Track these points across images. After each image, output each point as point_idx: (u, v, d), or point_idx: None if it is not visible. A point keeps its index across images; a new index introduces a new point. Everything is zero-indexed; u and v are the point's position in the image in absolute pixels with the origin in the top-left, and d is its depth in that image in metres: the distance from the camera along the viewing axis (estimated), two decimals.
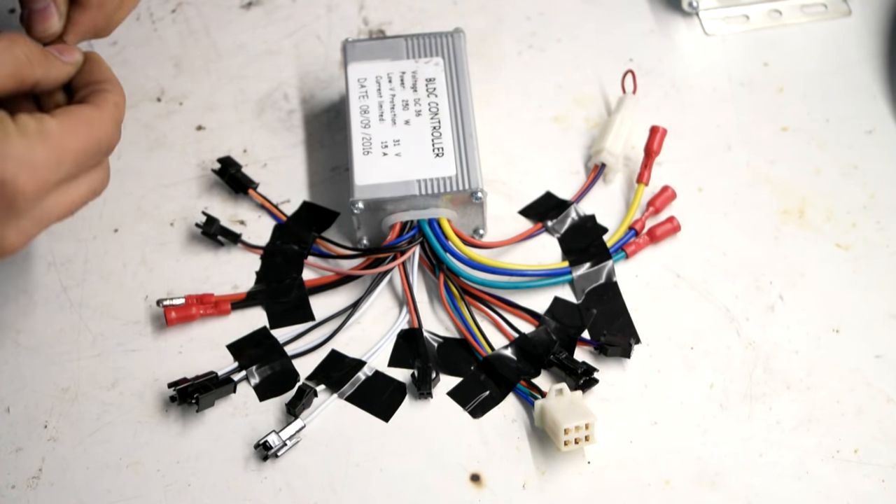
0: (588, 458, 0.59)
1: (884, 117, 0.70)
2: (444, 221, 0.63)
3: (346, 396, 0.61)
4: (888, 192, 0.67)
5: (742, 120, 0.70)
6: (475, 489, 0.58)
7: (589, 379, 0.60)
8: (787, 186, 0.67)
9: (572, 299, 0.64)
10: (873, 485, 0.58)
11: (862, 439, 0.59)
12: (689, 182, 0.68)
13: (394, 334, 0.63)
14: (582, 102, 0.71)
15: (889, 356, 0.61)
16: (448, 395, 0.61)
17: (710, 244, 0.66)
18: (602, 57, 0.73)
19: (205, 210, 0.66)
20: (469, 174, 0.63)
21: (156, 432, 0.60)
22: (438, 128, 0.64)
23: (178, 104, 0.71)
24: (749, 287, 0.64)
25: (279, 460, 0.59)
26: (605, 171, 0.68)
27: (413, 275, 0.63)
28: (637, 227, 0.65)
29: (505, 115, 0.71)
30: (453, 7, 0.76)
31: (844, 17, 0.75)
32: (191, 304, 0.63)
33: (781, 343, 0.62)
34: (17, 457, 0.59)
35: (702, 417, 0.60)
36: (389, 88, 0.66)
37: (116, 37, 0.74)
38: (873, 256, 0.65)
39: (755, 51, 0.73)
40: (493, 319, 0.63)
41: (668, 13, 0.75)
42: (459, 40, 0.68)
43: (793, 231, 0.66)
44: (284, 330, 0.63)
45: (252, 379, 0.61)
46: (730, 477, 0.58)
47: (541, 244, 0.66)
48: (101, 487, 0.58)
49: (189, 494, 0.58)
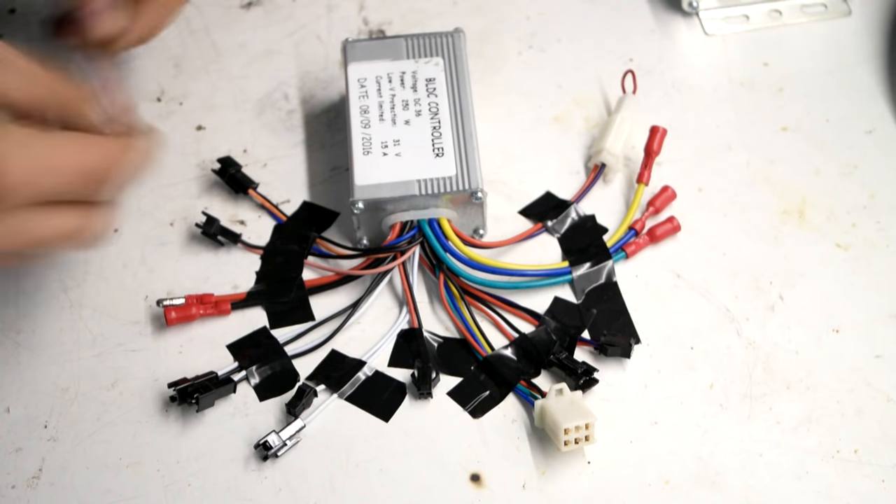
0: (588, 458, 0.59)
1: (884, 117, 0.70)
2: (444, 221, 0.63)
3: (346, 396, 0.61)
4: (888, 192, 0.67)
5: (742, 120, 0.70)
6: (475, 489, 0.58)
7: (589, 379, 0.60)
8: (787, 186, 0.67)
9: (572, 299, 0.64)
10: (873, 485, 0.58)
11: (862, 439, 0.59)
12: (689, 182, 0.68)
13: (394, 334, 0.63)
14: (582, 102, 0.71)
15: (889, 356, 0.61)
16: (448, 395, 0.61)
17: (710, 244, 0.66)
18: (602, 57, 0.73)
19: (205, 210, 0.66)
20: (469, 174, 0.63)
21: (156, 432, 0.60)
22: (438, 128, 0.64)
23: (179, 104, 0.71)
24: (749, 287, 0.64)
25: (279, 460, 0.59)
26: (605, 171, 0.68)
27: (413, 275, 0.63)
28: (637, 227, 0.65)
29: (505, 115, 0.71)
30: (453, 7, 0.76)
31: (844, 17, 0.75)
32: (191, 304, 0.63)
33: (781, 343, 0.62)
34: (17, 457, 0.59)
35: (702, 417, 0.60)
36: (389, 88, 0.66)
37: None
38: (873, 256, 0.65)
39: (755, 51, 0.73)
40: (493, 319, 0.63)
41: (668, 13, 0.75)
42: (460, 40, 0.68)
43: (793, 231, 0.66)
44: (284, 330, 0.63)
45: (252, 379, 0.61)
46: (730, 477, 0.58)
47: (541, 244, 0.66)
48: (101, 487, 0.58)
49: (189, 494, 0.58)
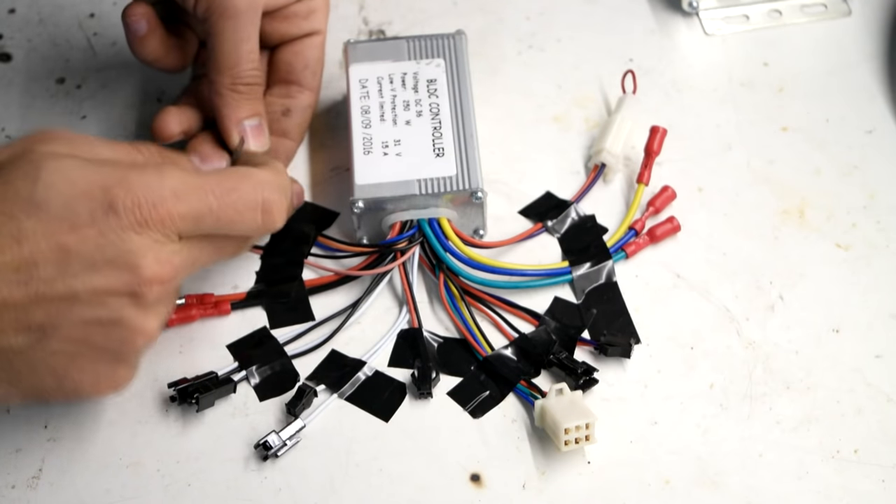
0: (588, 458, 0.59)
1: (884, 117, 0.70)
2: (444, 221, 0.63)
3: (346, 396, 0.61)
4: (888, 192, 0.67)
5: (742, 120, 0.70)
6: (475, 489, 0.58)
7: (589, 379, 0.60)
8: (787, 186, 0.67)
9: (572, 299, 0.64)
10: (873, 485, 0.58)
11: (862, 439, 0.59)
12: (689, 182, 0.68)
13: (394, 334, 0.63)
14: (582, 102, 0.71)
15: (889, 356, 0.61)
16: (448, 395, 0.61)
17: (710, 244, 0.65)
18: (602, 57, 0.73)
19: None
20: (469, 174, 0.63)
21: (156, 432, 0.60)
22: (439, 128, 0.64)
23: None
24: (749, 287, 0.64)
25: (279, 460, 0.59)
26: (605, 171, 0.68)
27: (413, 275, 0.63)
28: (637, 227, 0.65)
29: (505, 115, 0.71)
30: (453, 7, 0.76)
31: (844, 17, 0.75)
32: (191, 304, 0.63)
33: (781, 343, 0.62)
34: (17, 457, 0.59)
35: (702, 417, 0.60)
36: (391, 89, 0.66)
37: (116, 37, 0.74)
38: (873, 256, 0.65)
39: (755, 51, 0.73)
40: (493, 319, 0.63)
41: (668, 13, 0.75)
42: (461, 42, 0.68)
43: (793, 231, 0.66)
44: (284, 330, 0.63)
45: (252, 379, 0.61)
46: (730, 477, 0.58)
47: (541, 244, 0.66)
48: (101, 487, 0.58)
49: (189, 494, 0.58)
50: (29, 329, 0.50)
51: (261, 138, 0.63)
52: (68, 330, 0.51)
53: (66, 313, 0.50)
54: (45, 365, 0.52)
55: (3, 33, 0.75)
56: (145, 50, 0.63)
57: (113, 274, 0.51)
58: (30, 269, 0.49)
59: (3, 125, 0.71)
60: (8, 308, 0.49)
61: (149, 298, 0.52)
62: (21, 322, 0.50)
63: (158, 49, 0.64)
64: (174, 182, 0.52)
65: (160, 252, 0.52)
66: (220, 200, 0.54)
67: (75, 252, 0.50)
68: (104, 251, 0.50)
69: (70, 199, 0.50)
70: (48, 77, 0.73)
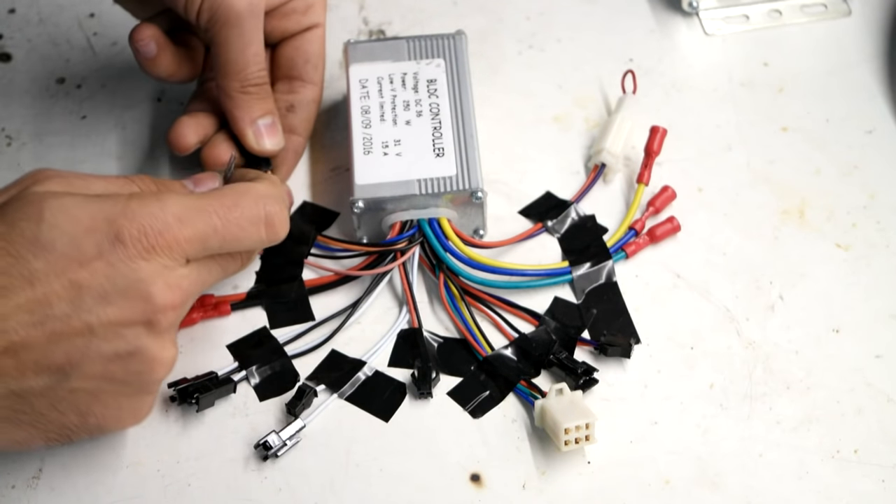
0: (588, 458, 0.59)
1: (884, 117, 0.70)
2: (444, 221, 0.63)
3: (346, 396, 0.61)
4: (888, 192, 0.67)
5: (742, 120, 0.70)
6: (475, 489, 0.58)
7: (589, 379, 0.60)
8: (787, 186, 0.67)
9: (572, 299, 0.64)
10: (873, 485, 0.58)
11: (862, 439, 0.59)
12: (689, 182, 0.68)
13: (394, 334, 0.63)
14: (582, 102, 0.71)
15: (889, 356, 0.61)
16: (448, 395, 0.61)
17: (710, 244, 0.66)
18: (602, 57, 0.73)
19: None
20: (469, 174, 0.63)
21: (156, 432, 0.60)
22: (439, 128, 0.64)
23: (179, 104, 0.71)
24: (749, 287, 0.64)
25: (279, 460, 0.59)
26: (605, 171, 0.68)
27: (413, 275, 0.63)
28: (637, 227, 0.65)
29: (505, 115, 0.71)
30: (453, 7, 0.76)
31: (844, 17, 0.75)
32: (191, 306, 0.62)
33: (781, 343, 0.62)
34: (17, 457, 0.59)
35: (702, 417, 0.60)
36: (391, 89, 0.66)
37: (116, 37, 0.74)
38: (873, 256, 0.65)
39: (755, 51, 0.73)
40: (493, 319, 0.63)
41: (668, 13, 0.75)
42: (461, 42, 0.68)
43: (793, 231, 0.66)
44: (284, 330, 0.63)
45: (252, 379, 0.61)
46: (730, 477, 0.58)
47: (541, 244, 0.66)
48: (101, 488, 0.58)
49: (189, 494, 0.58)
50: (49, 369, 0.50)
51: (275, 136, 0.63)
52: (89, 366, 0.51)
53: (84, 350, 0.50)
54: (67, 404, 0.52)
55: (3, 33, 0.75)
56: (158, 69, 0.63)
57: (126, 305, 0.51)
58: (44, 309, 0.49)
59: (3, 125, 0.71)
60: (26, 349, 0.49)
61: (163, 325, 0.52)
62: (40, 363, 0.50)
63: (170, 66, 0.64)
64: (176, 207, 0.52)
65: (170, 277, 0.52)
66: (223, 219, 0.54)
67: (87, 287, 0.50)
68: (115, 282, 0.51)
69: (75, 235, 0.50)
70: (48, 77, 0.73)
